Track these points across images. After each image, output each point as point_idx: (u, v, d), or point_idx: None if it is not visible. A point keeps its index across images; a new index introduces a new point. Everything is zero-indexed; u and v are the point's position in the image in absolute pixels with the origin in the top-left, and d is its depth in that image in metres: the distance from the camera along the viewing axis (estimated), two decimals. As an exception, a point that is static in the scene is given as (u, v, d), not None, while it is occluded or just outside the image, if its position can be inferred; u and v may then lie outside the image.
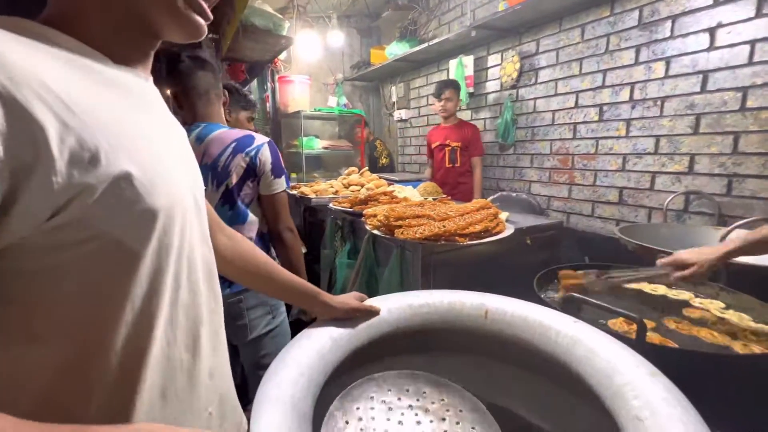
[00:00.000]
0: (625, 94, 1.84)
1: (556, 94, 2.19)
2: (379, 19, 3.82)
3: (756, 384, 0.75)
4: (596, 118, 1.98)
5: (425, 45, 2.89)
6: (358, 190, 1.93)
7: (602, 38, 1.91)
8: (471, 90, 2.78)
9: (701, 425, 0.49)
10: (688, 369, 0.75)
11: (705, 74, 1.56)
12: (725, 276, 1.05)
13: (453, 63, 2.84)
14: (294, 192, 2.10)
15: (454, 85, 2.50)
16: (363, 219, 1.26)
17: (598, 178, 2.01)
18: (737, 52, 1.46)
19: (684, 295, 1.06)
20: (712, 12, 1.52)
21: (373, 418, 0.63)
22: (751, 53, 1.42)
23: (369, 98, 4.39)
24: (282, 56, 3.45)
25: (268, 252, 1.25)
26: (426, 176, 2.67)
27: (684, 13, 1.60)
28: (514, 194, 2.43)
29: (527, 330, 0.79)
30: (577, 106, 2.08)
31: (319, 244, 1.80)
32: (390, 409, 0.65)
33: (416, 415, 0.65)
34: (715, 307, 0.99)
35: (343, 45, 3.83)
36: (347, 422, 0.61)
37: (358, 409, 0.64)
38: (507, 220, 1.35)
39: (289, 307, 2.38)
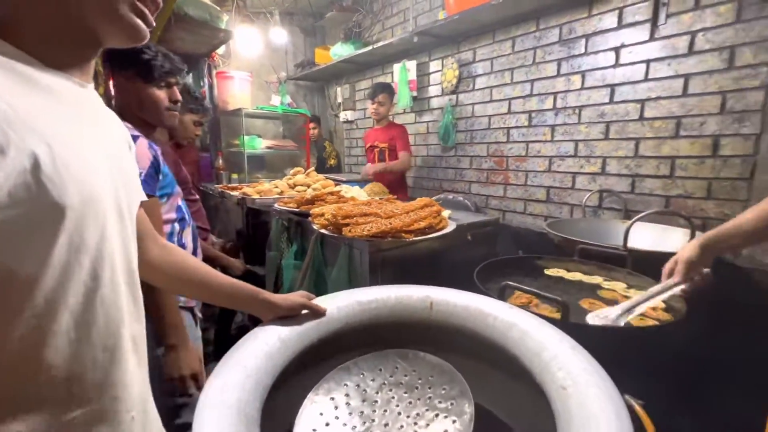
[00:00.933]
0: (549, 103, 2.04)
1: (491, 101, 2.35)
2: (323, 19, 3.79)
3: (648, 349, 0.88)
4: (526, 123, 2.17)
5: (370, 48, 2.93)
6: (305, 191, 1.90)
7: (530, 51, 2.10)
8: (414, 94, 2.88)
9: (613, 389, 0.56)
10: (601, 341, 0.86)
11: (612, 87, 1.78)
12: (630, 262, 1.21)
13: (397, 67, 2.92)
14: (235, 193, 2.01)
15: (387, 90, 2.57)
16: (310, 219, 1.25)
17: (529, 178, 2.20)
18: (636, 69, 1.70)
19: (596, 279, 1.21)
20: (617, 34, 1.74)
21: (348, 404, 0.64)
22: (647, 71, 1.66)
23: (314, 98, 4.33)
24: (220, 51, 3.28)
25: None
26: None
27: (594, 33, 1.82)
28: (451, 196, 2.56)
29: (469, 318, 0.84)
30: (509, 112, 2.25)
31: (263, 247, 1.75)
32: (365, 391, 0.67)
33: (390, 390, 0.67)
34: (619, 287, 1.14)
35: (286, 43, 3.74)
36: (321, 414, 0.61)
37: (332, 399, 0.65)
38: (449, 218, 1.43)
39: (232, 316, 2.27)
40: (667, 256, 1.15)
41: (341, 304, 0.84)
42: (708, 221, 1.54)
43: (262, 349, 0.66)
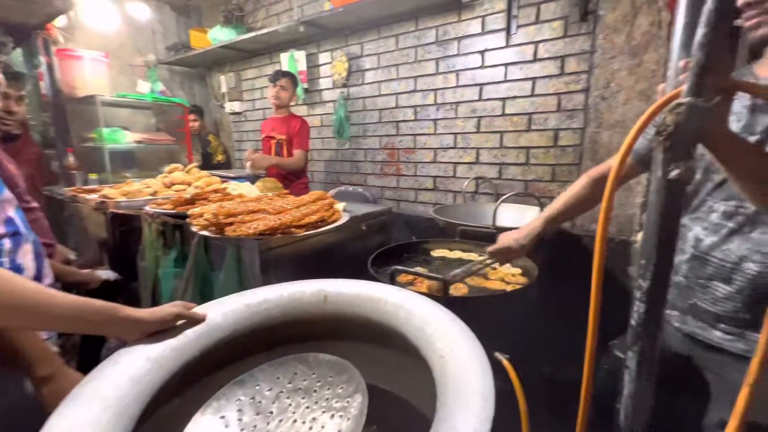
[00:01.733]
0: (431, 99, 2.22)
1: (380, 95, 2.44)
2: (196, -2, 3.40)
3: (507, 311, 1.04)
4: (413, 117, 2.32)
5: (254, 34, 2.74)
6: (184, 190, 1.70)
7: (411, 49, 2.24)
8: (306, 86, 2.81)
9: (481, 351, 0.65)
10: (474, 309, 0.98)
11: (481, 86, 2.02)
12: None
13: (285, 56, 2.80)
14: (92, 196, 1.69)
15: (291, 77, 2.45)
16: (188, 220, 1.12)
17: (418, 169, 2.37)
18: (497, 71, 1.96)
19: (472, 255, 1.38)
20: (481, 39, 1.98)
21: (240, 420, 0.60)
22: (506, 73, 1.93)
23: (194, 87, 3.88)
24: (59, 23, 2.67)
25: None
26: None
27: (464, 37, 2.03)
28: (351, 188, 2.60)
29: (362, 305, 0.87)
30: (397, 106, 2.37)
31: (134, 256, 1.51)
32: (260, 403, 0.63)
33: (288, 398, 0.65)
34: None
35: (151, 21, 3.25)
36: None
37: (222, 417, 0.60)
38: (344, 210, 1.45)
39: (101, 341, 1.92)
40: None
41: (227, 310, 0.79)
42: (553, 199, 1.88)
43: (125, 374, 0.58)
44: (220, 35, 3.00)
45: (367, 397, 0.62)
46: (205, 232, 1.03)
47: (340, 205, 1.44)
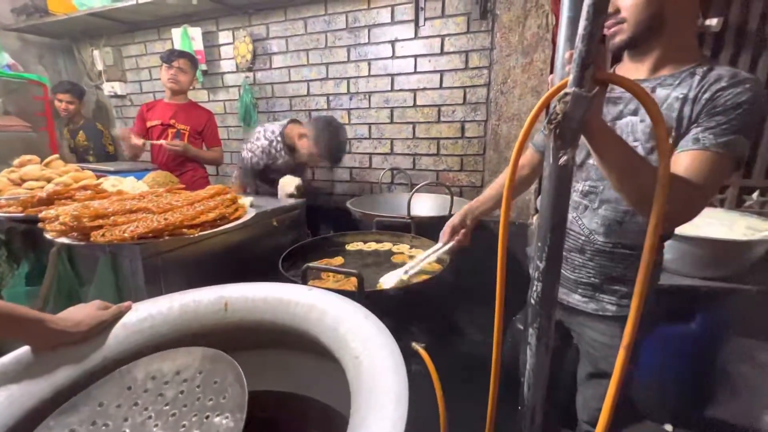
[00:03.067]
0: (344, 87, 2.16)
1: (290, 81, 2.30)
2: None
3: (424, 299, 1.06)
4: (325, 106, 2.23)
5: (135, 3, 2.33)
6: (41, 188, 1.37)
7: (321, 34, 2.14)
8: (204, 67, 2.50)
9: (395, 348, 0.62)
10: (391, 301, 0.97)
11: (392, 77, 2.03)
12: (413, 227, 1.43)
13: (177, 32, 2.45)
14: None
15: (190, 58, 2.14)
16: (40, 225, 0.89)
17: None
18: (408, 62, 1.98)
19: (387, 246, 1.38)
20: (391, 28, 1.98)
21: None
22: (415, 65, 1.96)
23: (58, 61, 3.19)
24: None
25: None
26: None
27: (375, 25, 2.01)
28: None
29: (268, 310, 0.79)
30: (309, 94, 2.26)
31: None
32: (107, 425, 0.52)
33: (145, 410, 0.54)
34: (405, 249, 1.34)
35: (-15, -27, 2.56)
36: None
37: None
38: (251, 206, 1.32)
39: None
40: (439, 219, 1.40)
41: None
42: (463, 188, 1.99)
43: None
44: (88, 0, 2.49)
45: (246, 391, 0.53)
46: (64, 239, 0.82)
47: (246, 200, 1.31)
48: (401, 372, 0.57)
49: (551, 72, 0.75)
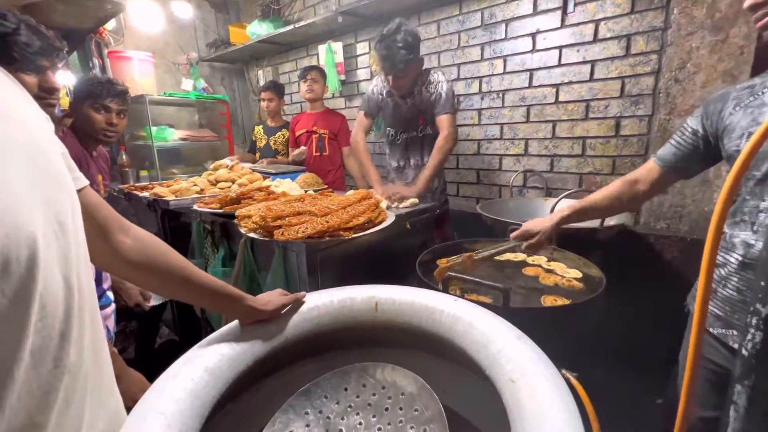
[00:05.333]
0: (475, 87, 2.10)
1: (420, 85, 2.34)
2: (234, -7, 3.43)
3: (572, 322, 0.95)
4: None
5: (291, 27, 2.72)
6: (229, 187, 1.72)
7: (455, 35, 2.12)
8: (343, 77, 2.76)
9: (557, 375, 0.58)
10: (534, 319, 0.90)
11: (531, 72, 1.88)
12: (556, 239, 1.30)
13: (322, 48, 2.77)
14: (145, 194, 1.75)
15: (319, 69, 2.47)
16: (236, 222, 1.12)
17: (460, 162, 2.26)
18: (551, 54, 1.80)
19: (521, 256, 1.29)
20: (533, 20, 1.83)
21: None
22: (560, 57, 1.77)
23: (233, 82, 3.96)
24: (110, 26, 2.80)
25: None
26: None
27: (513, 19, 1.89)
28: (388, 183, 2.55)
29: (415, 315, 0.82)
30: (438, 96, 2.27)
31: (185, 254, 1.55)
32: (329, 418, 0.61)
33: (357, 414, 0.61)
34: (542, 261, 1.24)
35: (193, 18, 3.33)
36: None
37: None
38: (387, 208, 1.40)
39: (155, 331, 2.02)
40: (587, 230, 1.25)
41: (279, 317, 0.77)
42: (614, 194, 1.72)
43: (184, 389, 0.56)
44: (258, 29, 3.01)
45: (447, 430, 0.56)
46: (253, 234, 1.02)
47: (384, 203, 1.39)
48: (572, 409, 0.52)
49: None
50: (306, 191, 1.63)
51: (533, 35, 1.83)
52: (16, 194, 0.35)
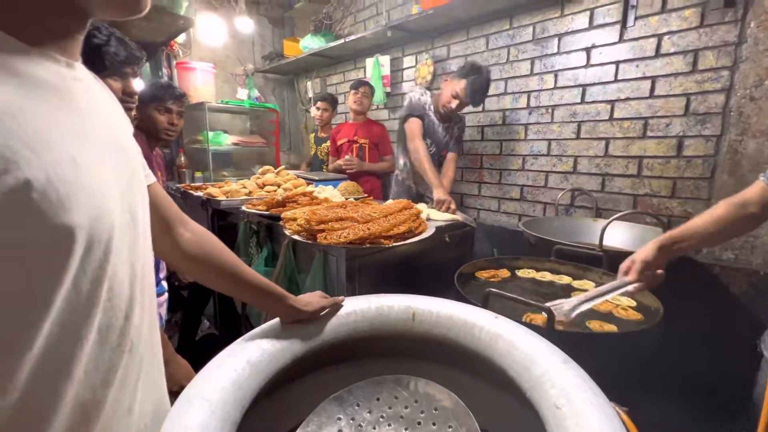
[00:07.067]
0: (523, 102, 2.05)
1: (465, 98, 2.33)
2: (291, 10, 3.64)
3: (624, 351, 0.88)
4: (500, 122, 2.17)
5: (342, 41, 2.83)
6: (275, 191, 1.80)
7: (503, 49, 2.10)
8: (388, 90, 2.82)
9: (607, 405, 0.54)
10: (585, 348, 0.85)
11: (584, 87, 1.81)
12: (605, 262, 1.22)
13: (370, 61, 2.85)
14: (199, 193, 1.87)
15: (370, 86, 2.57)
16: (281, 223, 1.16)
17: (503, 177, 2.21)
18: (606, 70, 1.73)
19: (565, 279, 1.22)
20: (588, 34, 1.77)
21: None
22: (617, 72, 1.70)
23: (283, 92, 4.17)
24: (180, 39, 3.06)
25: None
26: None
27: (567, 33, 1.84)
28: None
29: (453, 328, 0.80)
30: (483, 110, 2.25)
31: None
32: (360, 426, 0.61)
33: (389, 425, 0.61)
34: (590, 287, 1.15)
35: (253, 33, 3.56)
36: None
37: None
38: (428, 219, 1.39)
39: (198, 323, 2.13)
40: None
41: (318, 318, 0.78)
42: (672, 219, 1.60)
43: (228, 378, 0.59)
44: (310, 43, 3.16)
45: None
46: (297, 237, 1.05)
47: (423, 214, 1.39)
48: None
49: None
50: (347, 199, 1.67)
51: (588, 50, 1.77)
52: (104, 184, 0.39)
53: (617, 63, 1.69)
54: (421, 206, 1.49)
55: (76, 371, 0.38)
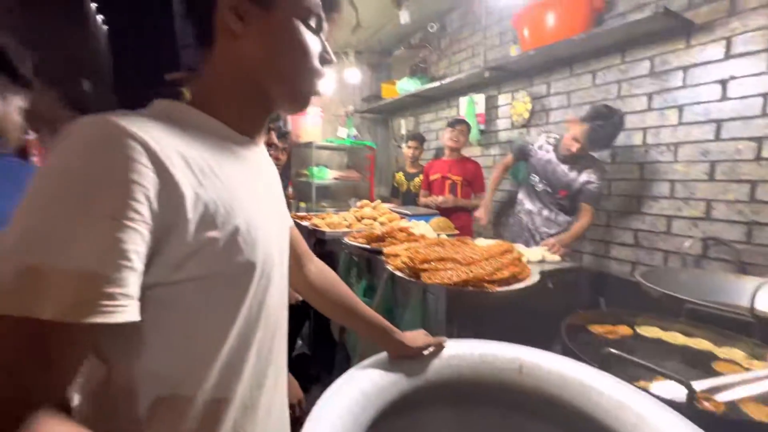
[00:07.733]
0: (637, 139, 1.88)
1: (567, 135, 2.23)
2: (391, 57, 3.96)
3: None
4: (609, 160, 2.01)
5: (439, 83, 2.96)
6: (371, 224, 1.92)
7: (613, 84, 1.97)
8: (482, 127, 2.84)
9: None
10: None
11: (718, 123, 1.59)
12: (758, 329, 1.01)
13: (463, 100, 2.92)
14: (305, 223, 2.09)
15: (467, 124, 2.60)
16: (384, 258, 1.24)
17: (612, 219, 2.01)
18: (749, 103, 1.50)
19: (703, 344, 1.02)
20: (723, 65, 1.57)
21: None
22: (764, 105, 1.46)
23: (377, 129, 4.48)
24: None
25: None
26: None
27: (695, 65, 1.66)
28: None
29: (566, 388, 0.75)
30: (589, 147, 2.10)
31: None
32: None
33: None
34: (739, 356, 0.95)
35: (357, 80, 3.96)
36: None
37: None
38: (528, 262, 1.33)
39: (293, 344, 2.31)
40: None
41: (422, 358, 0.80)
42: None
43: (345, 407, 0.64)
44: (406, 85, 3.38)
45: None
46: (399, 273, 1.10)
47: (524, 258, 1.34)
48: None
49: None
50: (438, 235, 1.69)
51: (723, 82, 1.57)
52: (270, 229, 0.50)
53: (765, 95, 1.46)
54: (523, 249, 1.43)
55: (244, 375, 0.47)
